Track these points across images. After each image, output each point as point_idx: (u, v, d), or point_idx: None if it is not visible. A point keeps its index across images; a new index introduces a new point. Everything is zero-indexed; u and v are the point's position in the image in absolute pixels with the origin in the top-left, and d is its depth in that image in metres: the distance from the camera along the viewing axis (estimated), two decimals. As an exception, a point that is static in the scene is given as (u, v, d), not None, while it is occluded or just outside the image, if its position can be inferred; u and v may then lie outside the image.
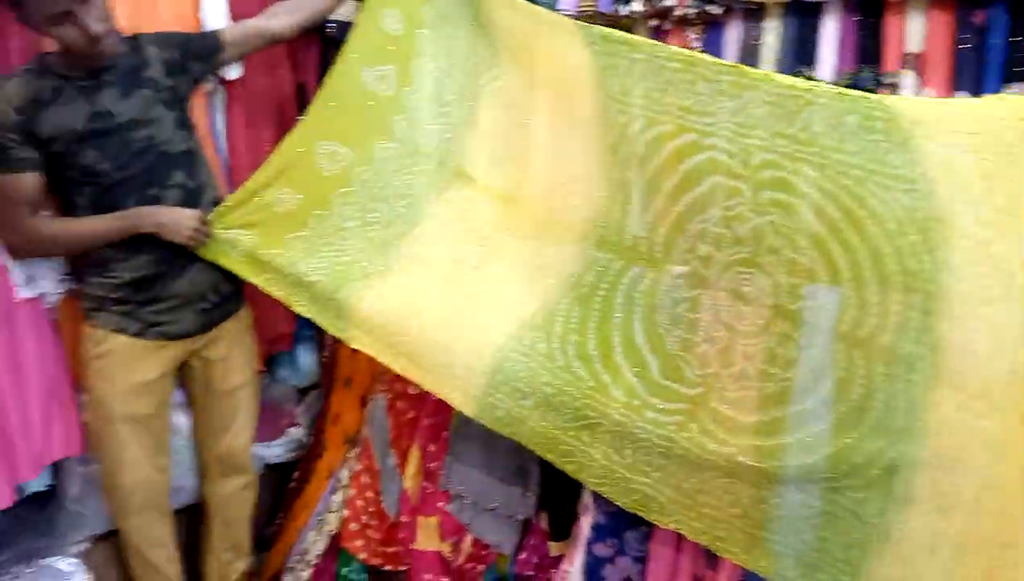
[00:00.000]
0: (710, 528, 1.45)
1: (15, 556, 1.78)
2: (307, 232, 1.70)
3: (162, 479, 1.81)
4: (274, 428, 2.24)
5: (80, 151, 1.54)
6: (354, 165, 1.70)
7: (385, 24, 1.68)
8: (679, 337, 1.45)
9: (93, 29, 1.42)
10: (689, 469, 1.42)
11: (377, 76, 1.69)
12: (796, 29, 1.56)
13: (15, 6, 1.42)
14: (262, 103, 2.01)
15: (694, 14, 1.61)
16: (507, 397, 1.56)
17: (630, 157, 1.47)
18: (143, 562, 1.83)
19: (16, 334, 1.59)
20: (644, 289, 1.50)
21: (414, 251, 1.69)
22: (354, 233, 1.70)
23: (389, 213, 1.71)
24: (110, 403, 1.67)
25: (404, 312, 1.63)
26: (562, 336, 1.53)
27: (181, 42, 1.69)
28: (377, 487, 2.07)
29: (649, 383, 1.46)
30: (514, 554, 1.99)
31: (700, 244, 1.41)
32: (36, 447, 1.65)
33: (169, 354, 1.72)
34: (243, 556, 2.03)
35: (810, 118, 1.24)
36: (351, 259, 1.69)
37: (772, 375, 1.35)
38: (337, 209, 1.71)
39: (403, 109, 1.70)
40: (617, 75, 1.45)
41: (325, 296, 1.68)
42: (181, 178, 1.66)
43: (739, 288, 1.37)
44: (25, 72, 1.52)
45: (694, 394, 1.43)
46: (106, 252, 1.61)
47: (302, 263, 1.68)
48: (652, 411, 1.45)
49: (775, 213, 1.31)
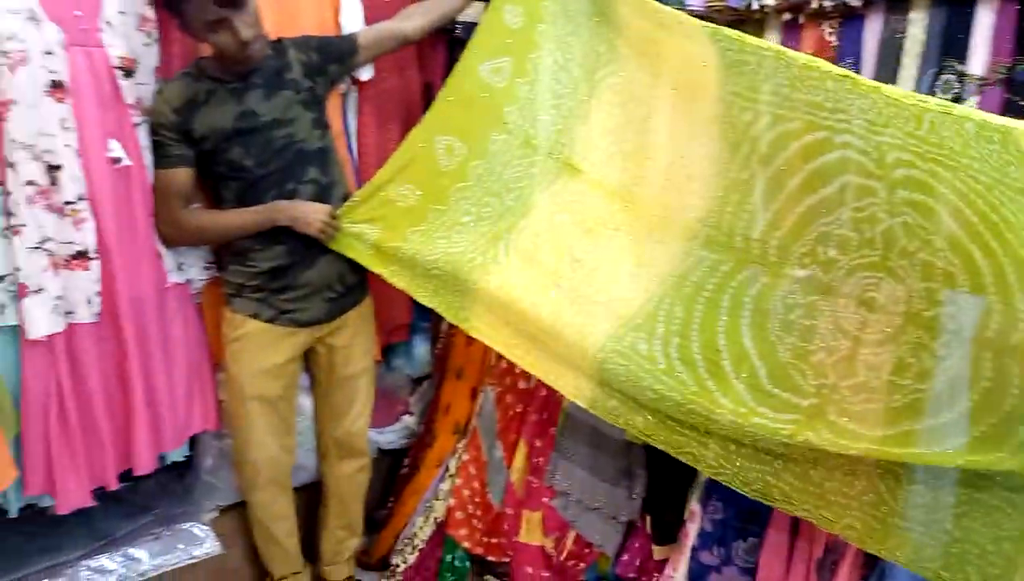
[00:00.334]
0: (839, 516, 1.37)
1: (155, 520, 1.94)
2: (426, 226, 1.74)
3: (286, 458, 1.92)
4: (388, 415, 2.32)
5: (228, 148, 1.66)
6: (469, 159, 1.73)
7: (506, 19, 1.71)
8: (792, 344, 1.39)
9: (244, 35, 1.53)
10: (815, 458, 1.35)
11: (493, 68, 1.72)
12: (945, 19, 1.46)
13: (177, 15, 1.55)
14: (391, 103, 2.08)
15: (831, 6, 1.54)
16: (614, 394, 1.55)
17: (751, 156, 1.43)
18: (265, 533, 1.95)
19: (166, 316, 1.72)
20: (754, 293, 1.45)
21: (521, 244, 1.70)
22: (468, 229, 1.73)
23: (500, 207, 1.73)
24: (243, 383, 1.78)
25: (513, 308, 1.65)
26: (664, 337, 1.50)
27: (320, 45, 1.78)
28: (483, 478, 2.11)
29: (757, 391, 1.41)
30: (616, 555, 1.98)
31: (821, 247, 1.34)
32: (180, 420, 1.79)
33: (298, 340, 1.82)
34: (355, 535, 2.11)
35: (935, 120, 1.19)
36: (462, 251, 1.72)
37: (902, 387, 1.27)
38: (454, 205, 1.74)
39: (515, 99, 1.72)
40: (745, 72, 1.42)
41: (445, 289, 1.72)
42: (315, 174, 1.74)
43: (864, 294, 1.30)
44: (183, 76, 1.65)
45: (807, 405, 1.36)
46: (246, 242, 1.72)
47: (421, 255, 1.72)
48: (760, 418, 1.39)
49: (910, 214, 1.24)
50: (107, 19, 1.54)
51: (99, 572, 1.76)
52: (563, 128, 1.71)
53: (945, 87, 1.45)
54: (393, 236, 1.75)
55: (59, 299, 1.51)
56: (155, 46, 1.67)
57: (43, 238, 1.48)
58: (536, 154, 1.72)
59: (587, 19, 1.68)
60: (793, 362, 1.38)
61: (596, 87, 1.69)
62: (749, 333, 1.44)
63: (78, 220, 1.53)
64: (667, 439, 1.50)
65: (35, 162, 1.46)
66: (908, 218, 1.24)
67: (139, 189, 1.64)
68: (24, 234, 1.46)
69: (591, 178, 1.69)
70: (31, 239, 1.47)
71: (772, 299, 1.42)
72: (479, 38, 1.73)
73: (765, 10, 1.61)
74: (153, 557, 1.82)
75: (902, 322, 1.27)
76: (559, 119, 1.71)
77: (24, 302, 1.47)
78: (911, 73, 1.49)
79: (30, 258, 1.47)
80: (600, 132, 1.69)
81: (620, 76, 1.66)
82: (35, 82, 1.44)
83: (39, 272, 1.48)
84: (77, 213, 1.52)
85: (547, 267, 1.65)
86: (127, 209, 1.62)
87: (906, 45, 1.49)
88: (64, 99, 1.48)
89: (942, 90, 1.45)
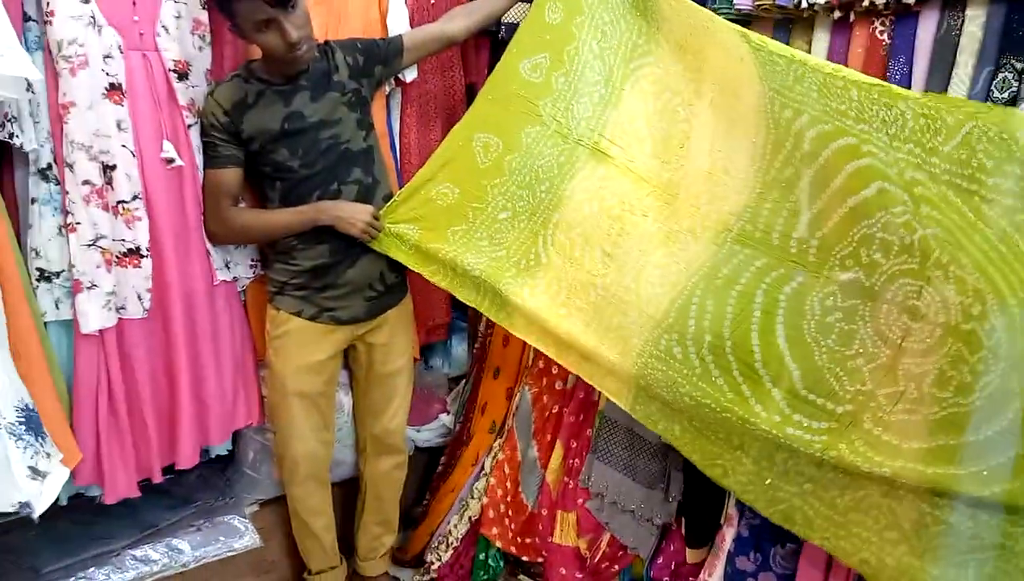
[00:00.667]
0: (857, 549, 1.34)
1: (197, 512, 1.99)
2: (466, 225, 1.74)
3: (325, 452, 1.94)
4: (426, 413, 2.34)
5: (275, 149, 1.68)
6: (504, 154, 1.72)
7: (547, 16, 1.70)
8: (828, 348, 1.35)
9: (292, 36, 1.54)
10: (845, 483, 1.33)
11: (532, 65, 1.70)
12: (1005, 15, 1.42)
13: (228, 16, 1.57)
14: (433, 104, 2.09)
15: (883, 3, 1.50)
16: (653, 399, 1.54)
17: (795, 152, 1.41)
18: (304, 527, 1.98)
19: (215, 313, 1.76)
20: (790, 291, 1.42)
21: (558, 240, 1.69)
22: (506, 225, 1.73)
23: (533, 200, 1.71)
24: (285, 379, 1.81)
25: (554, 310, 1.65)
26: (695, 337, 1.46)
27: (366, 48, 1.79)
28: (517, 477, 2.11)
29: (793, 396, 1.37)
30: (651, 558, 1.97)
31: (864, 250, 1.31)
32: (224, 415, 1.82)
33: (338, 337, 1.84)
34: (391, 531, 2.13)
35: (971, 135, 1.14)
36: (505, 254, 1.72)
37: (943, 400, 1.23)
38: (491, 200, 1.74)
39: (550, 91, 1.70)
40: (777, 71, 1.40)
41: (488, 288, 1.72)
42: (359, 174, 1.76)
43: (907, 301, 1.25)
44: (233, 78, 1.68)
45: (842, 412, 1.32)
46: (289, 241, 1.75)
47: (462, 257, 1.72)
48: (793, 427, 1.35)
49: (935, 229, 1.20)
50: (163, 24, 1.58)
51: (143, 561, 1.80)
52: (592, 114, 1.69)
53: (1003, 85, 1.41)
54: (434, 236, 1.76)
55: (111, 295, 1.55)
56: (208, 49, 1.70)
57: (97, 236, 1.52)
58: (566, 142, 1.70)
59: (626, 11, 1.67)
60: (830, 366, 1.35)
61: (631, 76, 1.67)
62: (784, 333, 1.40)
63: (131, 218, 1.57)
64: (702, 448, 1.48)
65: (92, 162, 1.50)
66: (937, 232, 1.20)
67: (191, 189, 1.67)
68: (79, 232, 1.50)
69: (619, 163, 1.67)
70: (85, 237, 1.51)
71: (809, 300, 1.39)
72: (520, 36, 1.73)
73: (815, 8, 1.58)
74: (194, 548, 1.86)
75: (943, 333, 1.22)
76: (590, 106, 1.69)
77: (78, 297, 1.52)
78: (966, 72, 1.44)
79: (84, 255, 1.51)
80: (630, 118, 1.67)
81: (658, 67, 1.64)
82: (94, 85, 1.48)
83: (92, 269, 1.52)
84: (130, 212, 1.56)
85: (584, 266, 1.64)
86: (179, 208, 1.65)
87: (962, 42, 1.45)
88: (121, 101, 1.52)
89: (999, 89, 1.41)
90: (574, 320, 1.62)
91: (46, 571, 1.71)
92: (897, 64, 1.54)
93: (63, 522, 1.85)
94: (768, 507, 1.43)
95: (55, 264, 1.52)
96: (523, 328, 1.71)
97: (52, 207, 1.51)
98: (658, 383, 1.49)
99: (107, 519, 1.85)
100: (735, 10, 1.70)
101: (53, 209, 1.51)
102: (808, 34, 1.67)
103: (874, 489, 1.31)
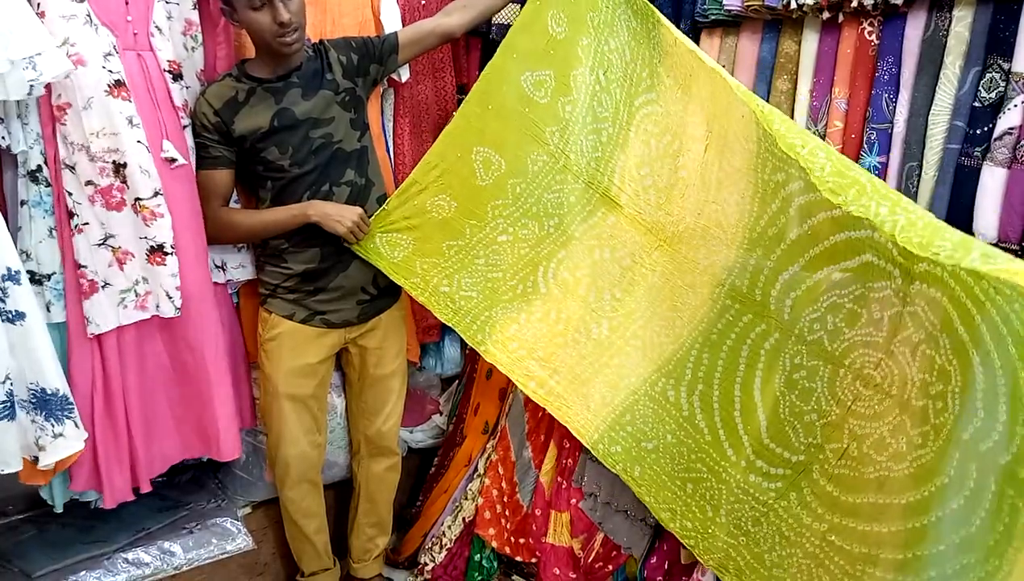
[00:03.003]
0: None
1: (189, 514, 1.98)
2: (462, 241, 1.74)
3: (317, 455, 1.93)
4: (419, 414, 2.34)
5: (265, 147, 1.68)
6: (507, 176, 1.70)
7: (549, 25, 1.63)
8: (791, 402, 1.41)
9: (284, 15, 1.53)
10: (774, 541, 1.40)
11: (535, 81, 1.66)
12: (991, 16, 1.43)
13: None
14: (426, 106, 2.09)
15: (871, 4, 1.51)
16: (629, 437, 1.59)
17: (780, 214, 1.41)
18: (296, 529, 1.97)
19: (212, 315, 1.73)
20: (769, 347, 1.47)
21: (561, 275, 1.70)
22: (505, 247, 1.72)
23: (539, 231, 1.71)
24: (276, 382, 1.80)
25: (549, 341, 1.66)
26: (690, 384, 1.52)
27: (360, 46, 1.78)
28: (512, 478, 2.11)
29: (757, 442, 1.44)
30: (644, 558, 1.97)
31: (831, 316, 1.33)
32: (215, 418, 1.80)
33: (330, 341, 1.84)
34: (384, 533, 2.13)
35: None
36: (502, 276, 1.72)
37: (878, 463, 1.27)
38: (491, 221, 1.73)
39: (558, 120, 1.67)
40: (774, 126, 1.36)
41: (474, 312, 1.73)
42: (352, 175, 1.76)
43: (864, 370, 1.29)
44: (225, 77, 1.67)
45: (796, 461, 1.39)
46: (281, 244, 1.74)
47: (457, 275, 1.72)
48: (756, 475, 1.43)
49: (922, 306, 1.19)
50: (156, 24, 1.57)
51: (135, 564, 1.79)
52: (602, 156, 1.68)
53: (990, 86, 1.42)
54: (430, 249, 1.75)
55: (125, 292, 1.54)
56: (199, 50, 1.70)
57: (106, 235, 1.51)
58: (577, 182, 1.69)
59: (630, 38, 1.61)
60: (790, 419, 1.41)
61: (636, 114, 1.64)
62: (759, 386, 1.46)
63: (151, 215, 1.54)
64: (657, 492, 1.56)
65: (94, 162, 1.48)
66: (919, 309, 1.20)
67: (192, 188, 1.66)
68: (87, 232, 1.49)
69: (628, 213, 1.67)
70: (95, 236, 1.50)
71: (782, 355, 1.44)
72: (519, 41, 1.65)
73: (804, 9, 1.59)
74: (187, 551, 1.85)
75: (891, 404, 1.25)
76: (599, 145, 1.67)
77: (93, 298, 1.51)
78: (954, 72, 1.46)
79: (96, 255, 1.50)
80: (637, 163, 1.65)
81: (659, 105, 1.61)
82: (93, 84, 1.46)
83: (105, 267, 1.52)
84: (148, 209, 1.54)
85: (589, 303, 1.66)
86: (186, 207, 1.64)
87: (949, 43, 1.46)
88: (128, 97, 1.51)
89: (986, 89, 1.42)
90: (569, 351, 1.65)
91: (37, 575, 1.70)
92: (885, 64, 1.55)
93: (55, 525, 1.84)
94: (704, 554, 1.52)
95: (46, 266, 1.51)
96: (495, 355, 1.74)
97: (43, 209, 1.50)
98: (644, 419, 1.56)
99: (99, 522, 1.84)
100: (724, 11, 1.71)
101: (44, 211, 1.50)
102: (797, 35, 1.68)
103: (799, 550, 1.38)
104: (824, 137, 1.64)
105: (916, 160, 1.51)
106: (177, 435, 1.73)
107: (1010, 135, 1.37)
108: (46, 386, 1.39)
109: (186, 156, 1.64)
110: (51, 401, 1.39)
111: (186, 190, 1.64)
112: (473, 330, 1.76)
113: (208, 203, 1.69)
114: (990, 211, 1.40)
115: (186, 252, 1.62)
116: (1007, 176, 1.38)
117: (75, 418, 1.43)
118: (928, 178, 1.49)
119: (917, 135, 1.50)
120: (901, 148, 1.53)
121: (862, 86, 1.59)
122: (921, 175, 1.50)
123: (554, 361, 1.69)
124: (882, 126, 1.56)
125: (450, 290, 1.75)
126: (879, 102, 1.55)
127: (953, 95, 1.45)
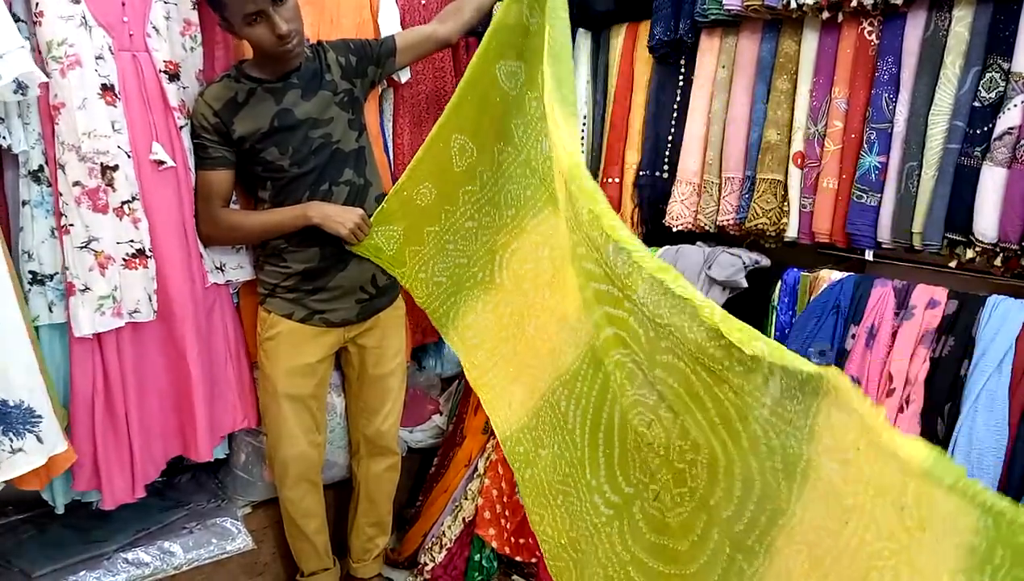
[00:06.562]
0: None
1: (189, 514, 1.98)
2: (439, 226, 1.75)
3: (316, 455, 1.93)
4: (419, 414, 2.33)
5: (264, 147, 1.68)
6: (476, 163, 1.71)
7: (524, 14, 1.61)
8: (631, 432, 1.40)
9: (282, 28, 1.54)
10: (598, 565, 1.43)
11: (508, 72, 1.66)
12: (991, 16, 1.43)
13: (217, 10, 1.57)
14: (426, 106, 2.09)
15: (871, 4, 1.51)
16: (531, 440, 1.60)
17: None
18: (295, 529, 1.97)
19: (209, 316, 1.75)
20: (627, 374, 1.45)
21: (512, 266, 1.70)
22: (471, 234, 1.74)
23: (499, 220, 1.71)
24: (276, 381, 1.80)
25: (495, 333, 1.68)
26: (576, 397, 1.52)
27: (358, 48, 1.79)
28: (512, 478, 2.11)
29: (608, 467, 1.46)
30: (645, 558, 1.97)
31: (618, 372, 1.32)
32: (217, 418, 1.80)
33: (329, 340, 1.84)
34: (384, 533, 2.13)
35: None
36: (467, 262, 1.74)
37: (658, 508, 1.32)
38: (461, 206, 1.74)
39: (523, 113, 1.67)
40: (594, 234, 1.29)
41: (442, 297, 1.75)
42: (350, 175, 1.76)
43: (640, 427, 1.31)
44: (224, 78, 1.67)
45: (628, 493, 1.41)
46: (280, 244, 1.74)
47: (432, 261, 1.74)
48: (599, 497, 1.46)
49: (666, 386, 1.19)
50: (153, 24, 1.57)
51: (135, 564, 1.79)
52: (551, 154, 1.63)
53: (990, 85, 1.42)
54: (415, 236, 1.77)
55: (105, 299, 1.53)
56: (199, 50, 1.70)
57: (90, 238, 1.50)
58: (533, 177, 1.68)
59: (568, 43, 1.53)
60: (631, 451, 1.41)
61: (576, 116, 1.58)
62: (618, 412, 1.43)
63: (135, 219, 1.55)
64: (534, 497, 1.60)
65: (82, 163, 1.48)
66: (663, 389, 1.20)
67: (185, 191, 1.66)
68: (72, 233, 1.49)
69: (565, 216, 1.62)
70: (79, 238, 1.50)
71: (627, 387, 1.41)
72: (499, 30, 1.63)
73: (803, 9, 1.58)
74: (187, 551, 1.85)
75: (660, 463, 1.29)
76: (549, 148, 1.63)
77: (71, 301, 1.50)
78: (954, 72, 1.46)
79: (77, 257, 1.50)
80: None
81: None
82: (86, 85, 1.47)
83: (85, 271, 1.51)
84: (133, 212, 1.55)
85: (528, 299, 1.66)
86: (174, 209, 1.64)
87: (949, 43, 1.46)
88: (114, 102, 1.51)
89: (986, 89, 1.42)
90: (508, 346, 1.66)
91: (37, 575, 1.70)
92: (885, 64, 1.55)
93: (54, 525, 1.84)
94: (551, 560, 1.56)
95: (48, 266, 1.51)
96: (454, 342, 1.77)
97: (44, 209, 1.50)
98: (544, 426, 1.58)
99: (99, 522, 1.84)
100: (724, 10, 1.71)
101: (45, 211, 1.50)
102: (797, 34, 1.68)
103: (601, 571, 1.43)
104: (824, 137, 1.64)
105: (916, 160, 1.51)
106: (163, 437, 1.72)
107: (1010, 135, 1.37)
108: (9, 398, 1.35)
109: (182, 158, 1.64)
110: (11, 414, 1.35)
111: (172, 193, 1.64)
112: (439, 314, 1.79)
113: (209, 204, 1.69)
114: (990, 211, 1.40)
115: (170, 255, 1.62)
116: (1007, 176, 1.38)
117: (39, 432, 1.38)
118: (928, 178, 1.48)
119: (917, 135, 1.50)
120: (901, 148, 1.53)
121: (862, 86, 1.59)
122: (921, 175, 1.50)
123: (496, 354, 1.70)
124: (882, 126, 1.56)
125: (426, 276, 1.79)
126: (879, 102, 1.55)
127: (953, 95, 1.45)
